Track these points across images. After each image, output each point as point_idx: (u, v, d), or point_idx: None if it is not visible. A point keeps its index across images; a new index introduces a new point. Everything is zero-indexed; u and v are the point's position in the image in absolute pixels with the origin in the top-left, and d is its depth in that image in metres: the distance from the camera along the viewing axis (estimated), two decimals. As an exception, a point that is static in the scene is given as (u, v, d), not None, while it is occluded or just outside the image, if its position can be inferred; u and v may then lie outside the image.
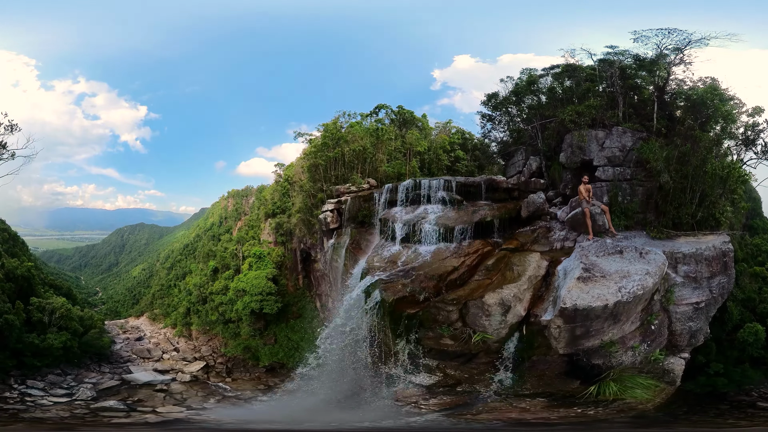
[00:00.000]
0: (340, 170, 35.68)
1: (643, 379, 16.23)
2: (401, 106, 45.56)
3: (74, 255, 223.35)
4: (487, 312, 15.84)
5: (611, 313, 14.98)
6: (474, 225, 19.95)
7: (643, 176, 19.96)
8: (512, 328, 16.08)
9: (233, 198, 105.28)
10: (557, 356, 16.07)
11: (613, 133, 20.81)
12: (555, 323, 15.19)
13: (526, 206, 20.78)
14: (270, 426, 20.56)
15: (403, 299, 16.93)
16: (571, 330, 15.13)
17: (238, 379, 47.94)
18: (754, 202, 39.98)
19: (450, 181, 22.37)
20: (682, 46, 21.77)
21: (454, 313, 16.24)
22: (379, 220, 21.72)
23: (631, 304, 15.09)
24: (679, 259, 17.08)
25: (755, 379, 28.18)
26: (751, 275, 33.26)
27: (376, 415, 17.44)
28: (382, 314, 17.12)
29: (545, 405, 16.25)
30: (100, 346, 49.17)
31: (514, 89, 27.41)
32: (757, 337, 28.68)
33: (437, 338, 16.38)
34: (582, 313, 14.77)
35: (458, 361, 16.90)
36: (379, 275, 18.34)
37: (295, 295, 54.46)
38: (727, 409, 23.75)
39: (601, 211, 18.95)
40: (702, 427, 17.57)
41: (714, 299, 17.39)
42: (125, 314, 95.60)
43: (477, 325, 16.02)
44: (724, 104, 20.81)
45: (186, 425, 25.49)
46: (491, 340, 15.88)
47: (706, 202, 18.87)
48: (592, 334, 15.33)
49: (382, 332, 17.49)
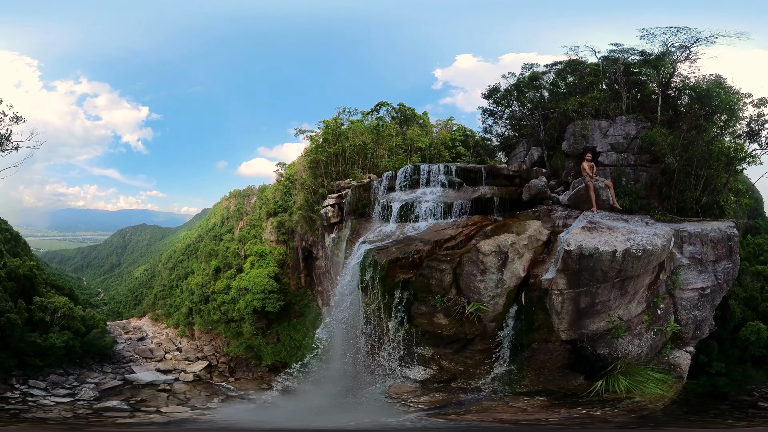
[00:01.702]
0: (341, 166, 35.61)
1: (654, 372, 15.27)
2: (402, 103, 45.53)
3: (76, 256, 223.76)
4: (482, 266, 14.59)
5: (619, 271, 13.98)
6: (473, 201, 19.35)
7: (648, 161, 19.82)
8: (510, 296, 14.83)
9: (235, 198, 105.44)
10: (559, 344, 15.08)
11: (617, 123, 20.72)
12: (557, 284, 14.16)
13: (527, 190, 20.45)
14: (275, 426, 20.32)
15: (396, 261, 15.94)
16: (574, 299, 14.17)
17: (241, 379, 48.04)
18: (756, 202, 39.97)
19: (450, 166, 22.14)
20: (689, 44, 21.72)
21: (448, 273, 15.17)
22: (377, 202, 21.51)
23: (641, 261, 14.14)
24: (685, 238, 16.68)
25: (757, 379, 28.08)
26: (754, 274, 33.28)
27: (358, 415, 16.70)
28: (376, 281, 16.16)
29: (545, 404, 15.05)
30: (102, 346, 49.13)
31: (516, 83, 27.29)
32: (759, 336, 28.61)
33: (430, 315, 15.43)
34: (588, 264, 13.76)
35: (453, 349, 16.01)
36: (375, 245, 17.72)
37: (297, 294, 54.41)
38: (727, 409, 23.57)
39: (605, 186, 18.45)
40: (699, 427, 17.09)
41: (719, 286, 17.14)
42: (127, 315, 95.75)
43: (471, 290, 14.84)
44: (730, 96, 20.70)
45: (197, 425, 25.34)
46: (487, 315, 14.77)
47: (711, 186, 18.72)
48: (597, 308, 14.42)
49: (377, 310, 16.62)
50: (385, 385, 17.29)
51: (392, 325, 16.12)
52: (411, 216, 19.49)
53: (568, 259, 13.97)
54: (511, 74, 27.61)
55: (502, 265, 14.67)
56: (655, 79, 22.90)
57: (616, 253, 13.88)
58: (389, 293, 15.92)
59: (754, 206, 37.61)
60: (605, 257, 13.84)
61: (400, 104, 45.03)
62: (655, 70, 22.59)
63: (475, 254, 14.78)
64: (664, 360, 16.23)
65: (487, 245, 14.74)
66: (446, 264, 15.24)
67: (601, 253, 13.82)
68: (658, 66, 22.33)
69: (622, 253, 13.93)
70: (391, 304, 15.93)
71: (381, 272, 16.03)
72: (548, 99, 25.95)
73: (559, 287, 14.20)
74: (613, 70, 23.33)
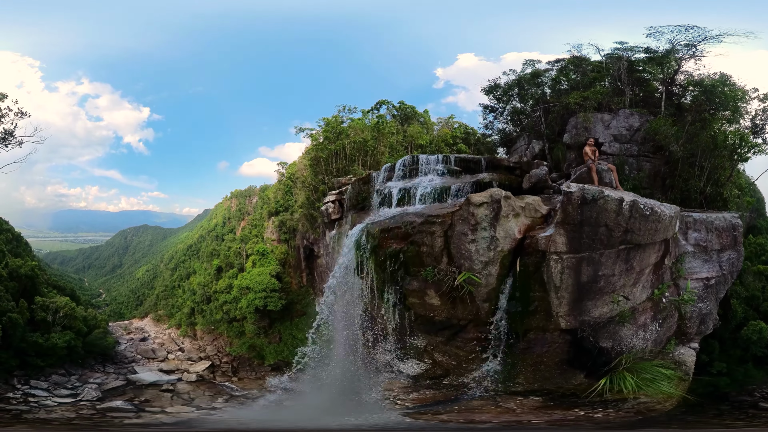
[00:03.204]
0: (341, 163, 35.61)
1: (663, 368, 14.20)
2: (402, 101, 45.35)
3: (77, 257, 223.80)
4: (473, 221, 13.42)
5: (625, 231, 12.91)
6: (472, 184, 19.04)
7: (651, 151, 19.74)
8: (503, 263, 13.60)
9: (236, 198, 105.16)
10: (558, 334, 13.88)
11: (620, 115, 20.68)
12: (555, 244, 12.97)
13: (528, 179, 20.18)
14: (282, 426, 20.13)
15: (389, 231, 15.16)
16: (575, 268, 12.92)
17: (245, 379, 47.99)
18: (759, 202, 39.80)
19: (449, 157, 21.94)
20: (695, 42, 21.69)
21: (439, 236, 14.12)
22: (376, 192, 21.34)
23: (648, 224, 13.20)
24: (690, 224, 16.49)
25: (758, 379, 27.86)
26: (755, 273, 33.21)
27: (348, 412, 16.07)
28: (369, 254, 15.41)
29: (538, 405, 13.89)
30: (104, 346, 48.98)
31: (517, 79, 27.23)
32: (761, 335, 28.44)
33: (422, 292, 14.50)
34: (591, 215, 12.62)
35: (444, 336, 15.22)
36: (370, 221, 17.04)
37: (299, 293, 54.35)
38: (727, 409, 23.34)
39: (607, 169, 18.01)
40: (696, 427, 16.73)
41: (724, 277, 17.06)
42: (129, 316, 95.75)
43: (462, 255, 13.72)
44: (734, 92, 20.67)
45: (208, 426, 25.15)
46: (479, 291, 13.65)
47: (715, 176, 18.67)
48: (600, 284, 13.29)
49: (370, 293, 15.88)
50: (379, 379, 16.96)
51: (386, 308, 15.47)
52: (410, 202, 19.09)
53: (568, 205, 12.80)
54: (512, 71, 27.60)
55: (494, 218, 13.53)
56: (659, 77, 22.90)
57: (623, 202, 12.81)
58: (381, 267, 15.16)
59: (756, 206, 37.45)
60: (611, 206, 12.76)
61: (401, 102, 44.86)
62: (659, 67, 22.57)
63: (466, 208, 13.73)
64: (668, 356, 15.68)
65: (478, 195, 13.82)
66: (437, 226, 14.23)
67: (606, 199, 12.70)
68: (663, 63, 22.30)
69: (629, 204, 12.90)
70: (383, 281, 15.14)
71: (373, 241, 15.33)
72: (550, 95, 25.91)
73: (558, 249, 13.03)
74: (617, 67, 23.30)
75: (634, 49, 23.06)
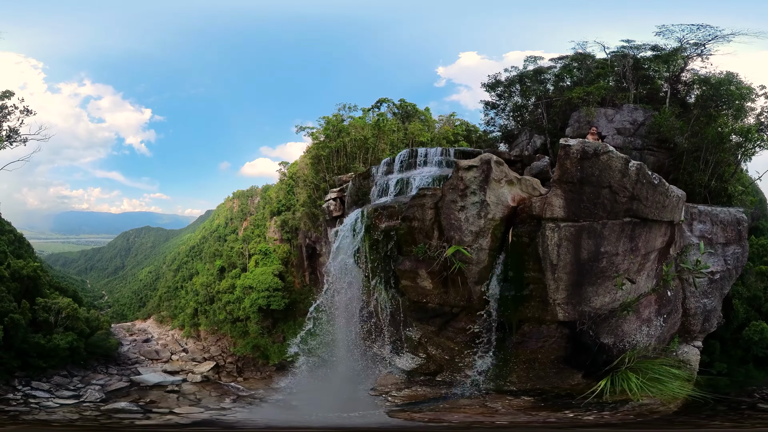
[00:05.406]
0: (342, 161, 35.59)
1: (670, 367, 13.15)
2: (403, 99, 45.21)
3: (80, 258, 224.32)
4: (462, 185, 12.39)
5: (631, 198, 11.79)
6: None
7: (655, 145, 19.63)
8: (495, 234, 12.48)
9: (238, 199, 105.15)
10: (555, 326, 12.80)
11: (624, 110, 20.58)
12: (552, 208, 11.65)
13: (528, 171, 20.18)
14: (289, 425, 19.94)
15: (383, 209, 15.06)
16: (574, 240, 11.63)
17: (250, 379, 47.97)
18: (761, 203, 39.66)
19: (448, 149, 21.83)
20: (705, 41, 21.63)
21: (429, 208, 13.32)
22: (375, 184, 21.32)
23: (656, 194, 12.21)
24: (695, 215, 16.35)
25: (759, 380, 27.80)
26: (757, 274, 33.21)
27: (340, 408, 15.74)
28: (363, 232, 15.17)
29: (527, 406, 12.80)
30: (107, 348, 48.92)
31: (519, 74, 27.07)
32: (762, 336, 28.46)
33: (414, 274, 13.86)
34: (593, 172, 11.33)
35: (437, 324, 14.57)
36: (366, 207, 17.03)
37: (301, 292, 54.30)
38: (723, 410, 23.15)
39: None
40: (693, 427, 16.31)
41: (728, 272, 16.93)
42: (132, 317, 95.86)
43: (452, 226, 12.75)
44: (740, 90, 20.57)
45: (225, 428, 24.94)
46: (471, 270, 12.67)
47: (720, 171, 18.57)
48: (602, 264, 12.07)
49: (366, 279, 15.69)
50: (374, 373, 16.81)
51: (379, 291, 15.18)
52: (407, 191, 18.88)
53: (566, 160, 11.31)
54: (514, 68, 27.45)
55: (484, 180, 12.27)
56: (665, 74, 22.86)
57: (629, 162, 11.55)
58: (374, 247, 14.75)
59: (758, 206, 37.37)
60: (615, 164, 11.43)
61: (401, 100, 44.66)
62: (666, 65, 22.49)
63: (455, 174, 12.70)
64: (672, 355, 14.99)
65: (467, 160, 12.72)
66: (428, 198, 13.43)
67: (610, 155, 11.33)
68: (670, 61, 22.23)
69: (636, 167, 11.62)
70: (377, 263, 14.74)
71: (366, 221, 14.94)
72: (552, 91, 25.80)
73: (555, 214, 11.63)
74: (621, 65, 23.20)
75: (641, 47, 23.00)
